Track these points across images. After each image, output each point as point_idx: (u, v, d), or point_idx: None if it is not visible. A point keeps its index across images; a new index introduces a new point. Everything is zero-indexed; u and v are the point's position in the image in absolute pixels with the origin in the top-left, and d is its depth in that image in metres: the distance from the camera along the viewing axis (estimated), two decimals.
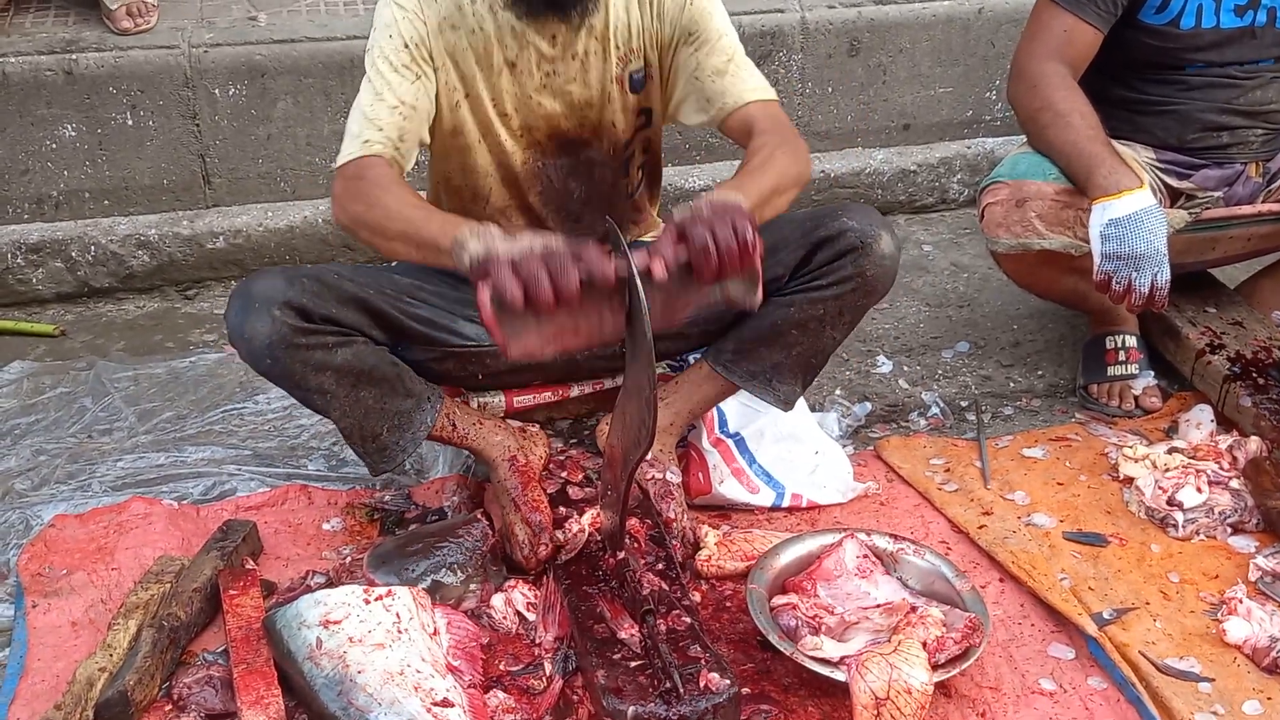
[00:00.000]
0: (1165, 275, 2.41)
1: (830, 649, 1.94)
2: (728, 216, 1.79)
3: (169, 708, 1.92)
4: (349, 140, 2.13)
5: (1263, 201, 2.76)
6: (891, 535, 2.24)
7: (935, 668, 1.90)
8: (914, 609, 2.00)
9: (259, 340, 2.05)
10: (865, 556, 2.16)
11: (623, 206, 2.41)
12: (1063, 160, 2.54)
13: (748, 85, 2.23)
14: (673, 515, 2.29)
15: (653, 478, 2.32)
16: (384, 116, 2.12)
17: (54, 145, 3.26)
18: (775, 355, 2.33)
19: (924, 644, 1.90)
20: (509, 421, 2.46)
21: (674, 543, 2.24)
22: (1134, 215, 2.39)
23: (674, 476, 2.36)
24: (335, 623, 1.90)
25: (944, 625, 1.96)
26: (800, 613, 2.05)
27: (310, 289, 2.09)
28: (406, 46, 2.11)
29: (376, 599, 1.95)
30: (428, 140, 2.23)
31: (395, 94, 2.12)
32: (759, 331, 2.31)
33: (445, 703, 1.81)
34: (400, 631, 1.91)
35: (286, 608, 1.95)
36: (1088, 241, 2.54)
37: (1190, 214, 2.66)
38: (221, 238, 3.36)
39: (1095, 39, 2.60)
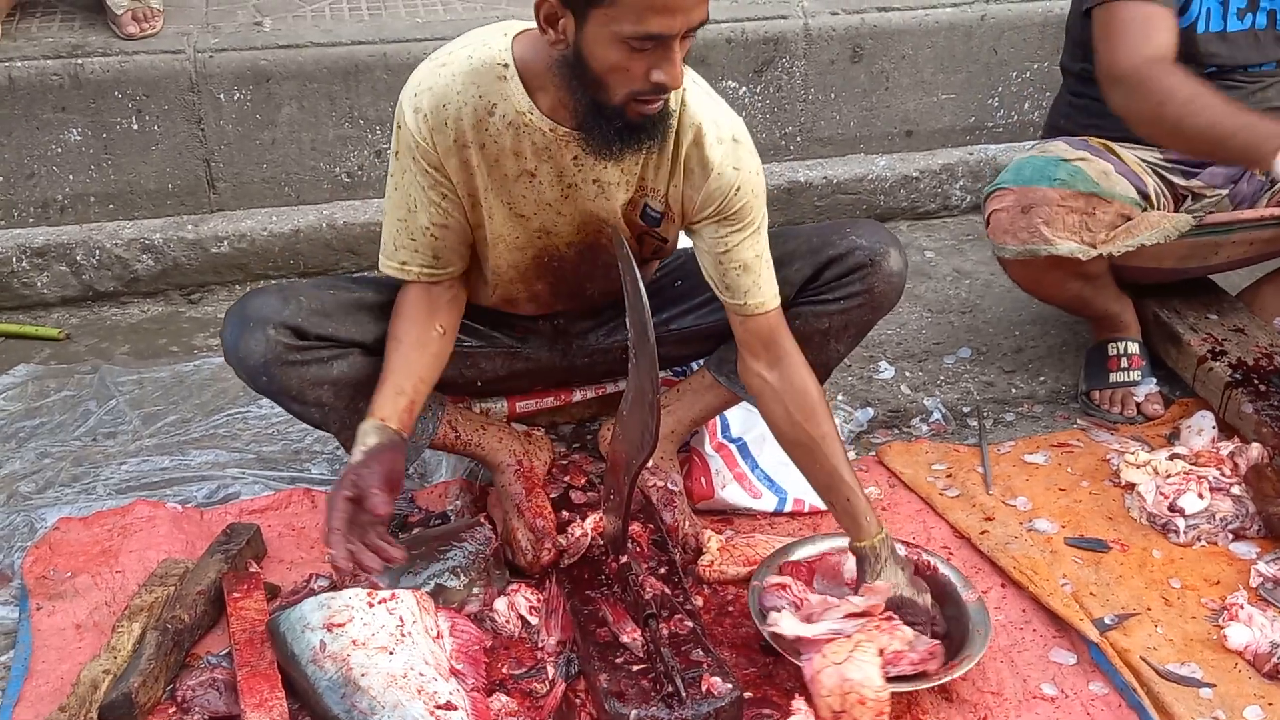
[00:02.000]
0: None
1: (788, 626, 1.95)
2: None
3: (173, 710, 1.93)
4: (385, 246, 2.10)
5: (1266, 203, 2.76)
6: (903, 542, 2.23)
7: (890, 679, 1.89)
8: (890, 618, 1.98)
9: (254, 359, 2.07)
10: None
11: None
12: (1212, 145, 2.42)
13: (770, 290, 2.09)
14: (674, 522, 2.29)
15: (655, 485, 2.33)
16: (418, 237, 2.06)
17: (59, 149, 3.27)
18: None
19: (881, 651, 1.90)
20: (514, 426, 2.47)
21: (676, 549, 2.24)
22: None
23: (675, 484, 2.36)
24: (339, 626, 1.90)
25: (909, 643, 1.94)
26: (790, 593, 2.06)
27: (306, 307, 2.10)
28: (427, 171, 2.00)
29: (380, 602, 1.95)
30: (467, 239, 2.13)
31: (424, 216, 2.03)
32: None
33: (449, 706, 1.82)
34: (404, 635, 1.91)
35: (290, 610, 1.96)
36: (1094, 246, 2.55)
37: (1194, 218, 2.67)
38: (226, 242, 3.37)
39: (1173, 23, 2.50)
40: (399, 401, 2.01)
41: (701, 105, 2.00)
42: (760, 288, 2.07)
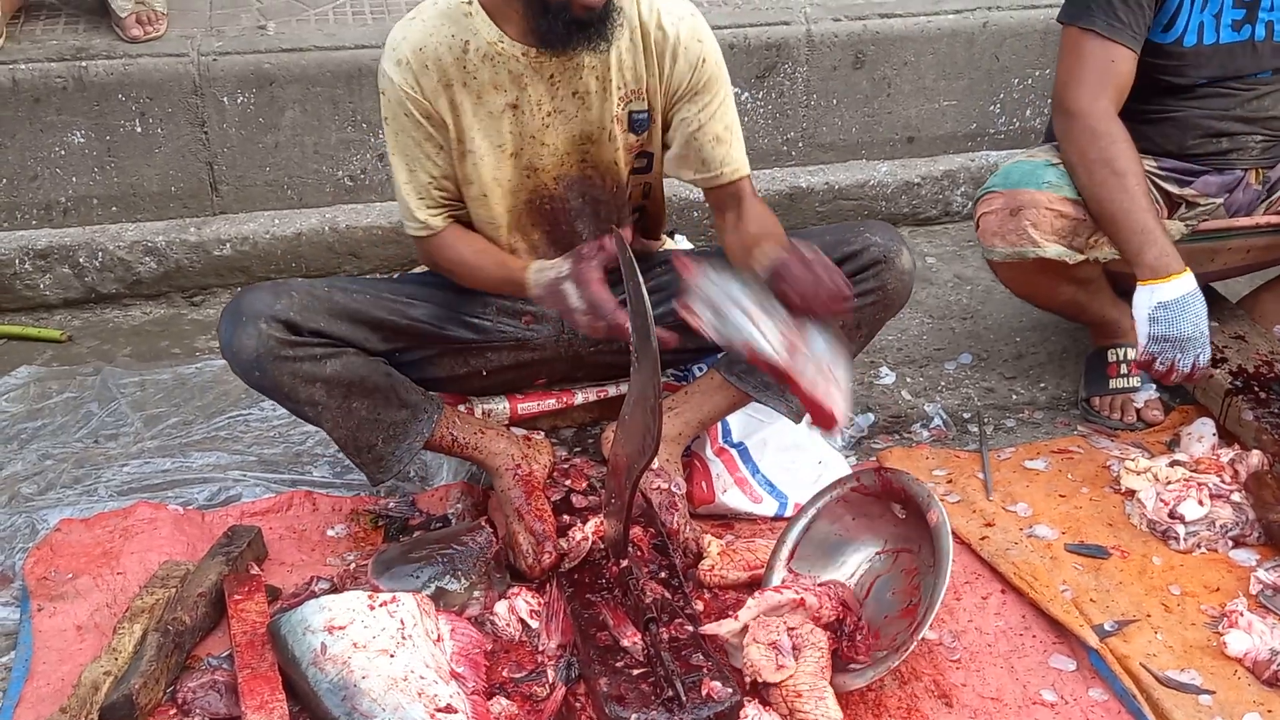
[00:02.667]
0: (1206, 356, 2.47)
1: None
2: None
3: (173, 712, 1.93)
4: (406, 217, 2.26)
5: (1263, 212, 2.77)
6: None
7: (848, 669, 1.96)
8: (801, 602, 2.01)
9: (246, 354, 2.10)
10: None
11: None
12: (1112, 224, 2.51)
13: (743, 158, 2.28)
14: (676, 526, 2.30)
15: (657, 487, 2.33)
16: (427, 193, 2.22)
17: (63, 152, 3.28)
18: None
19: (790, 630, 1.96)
20: (513, 430, 2.48)
21: (676, 553, 2.24)
22: (1181, 299, 2.42)
23: (679, 488, 2.37)
24: (340, 628, 1.90)
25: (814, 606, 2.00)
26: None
27: (299, 302, 2.13)
28: (420, 123, 2.15)
29: (381, 605, 1.95)
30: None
31: (419, 178, 2.20)
32: None
33: (449, 709, 1.82)
34: (404, 638, 1.91)
35: (291, 613, 1.96)
36: (1083, 251, 2.56)
37: (1187, 225, 2.68)
38: (228, 245, 3.37)
39: (1134, 64, 2.57)
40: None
41: None
42: (733, 155, 2.25)
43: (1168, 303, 2.42)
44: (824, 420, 1.93)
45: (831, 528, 2.22)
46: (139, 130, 3.30)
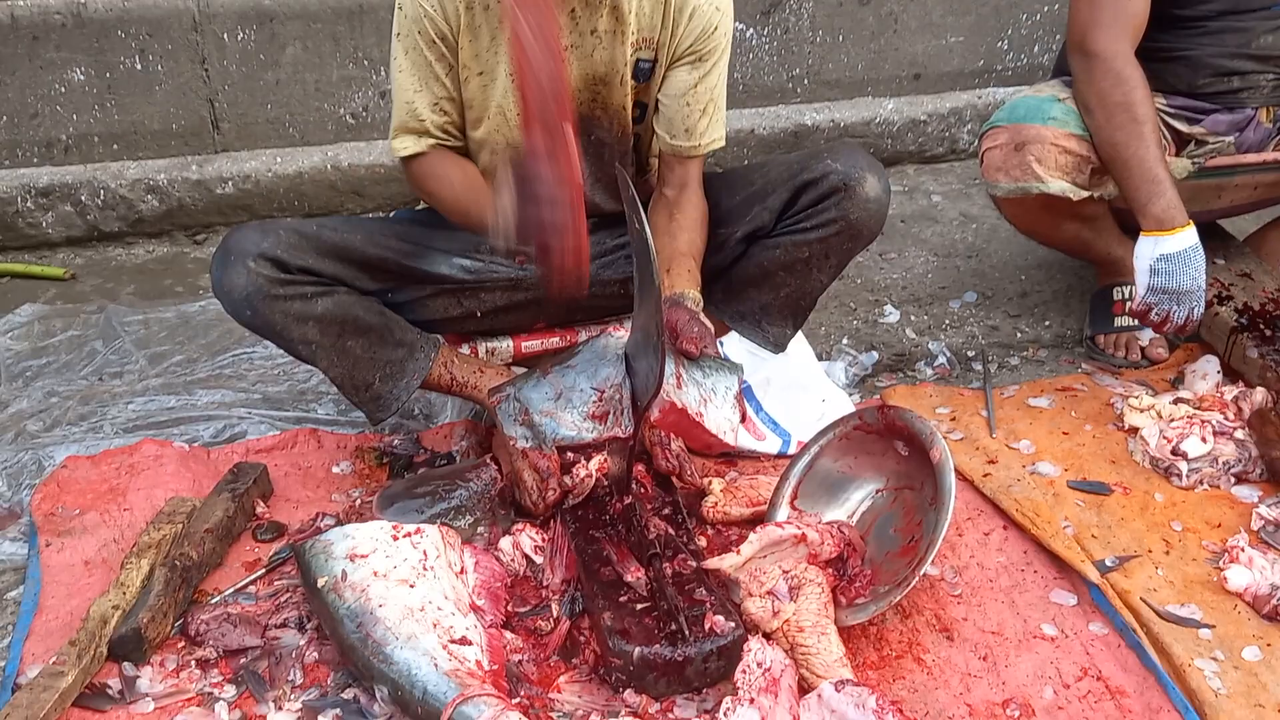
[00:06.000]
0: (1200, 309, 2.50)
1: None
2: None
3: (183, 644, 1.95)
4: (398, 129, 2.23)
5: (1274, 149, 2.75)
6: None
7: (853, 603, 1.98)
8: (802, 537, 2.02)
9: (237, 293, 2.11)
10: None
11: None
12: (1123, 170, 2.50)
13: (720, 130, 2.29)
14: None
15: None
16: (426, 113, 2.20)
17: (63, 89, 3.26)
18: (763, 296, 2.36)
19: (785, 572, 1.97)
20: (513, 369, 2.48)
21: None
22: (1184, 253, 2.44)
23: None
24: (362, 556, 1.92)
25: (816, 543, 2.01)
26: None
27: (286, 240, 2.13)
28: (435, 41, 2.14)
29: (405, 535, 1.97)
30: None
31: (432, 91, 2.18)
32: (747, 273, 2.35)
33: (463, 640, 1.83)
34: (426, 569, 1.93)
35: (316, 540, 1.98)
36: (1086, 188, 2.55)
37: (1194, 163, 2.66)
38: (230, 183, 3.36)
39: (1149, 2, 2.54)
40: None
41: None
42: (713, 127, 2.28)
43: (1170, 255, 2.43)
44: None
45: (834, 465, 2.23)
46: (139, 67, 3.28)
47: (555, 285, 1.98)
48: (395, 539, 1.96)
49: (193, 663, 1.91)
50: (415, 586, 1.89)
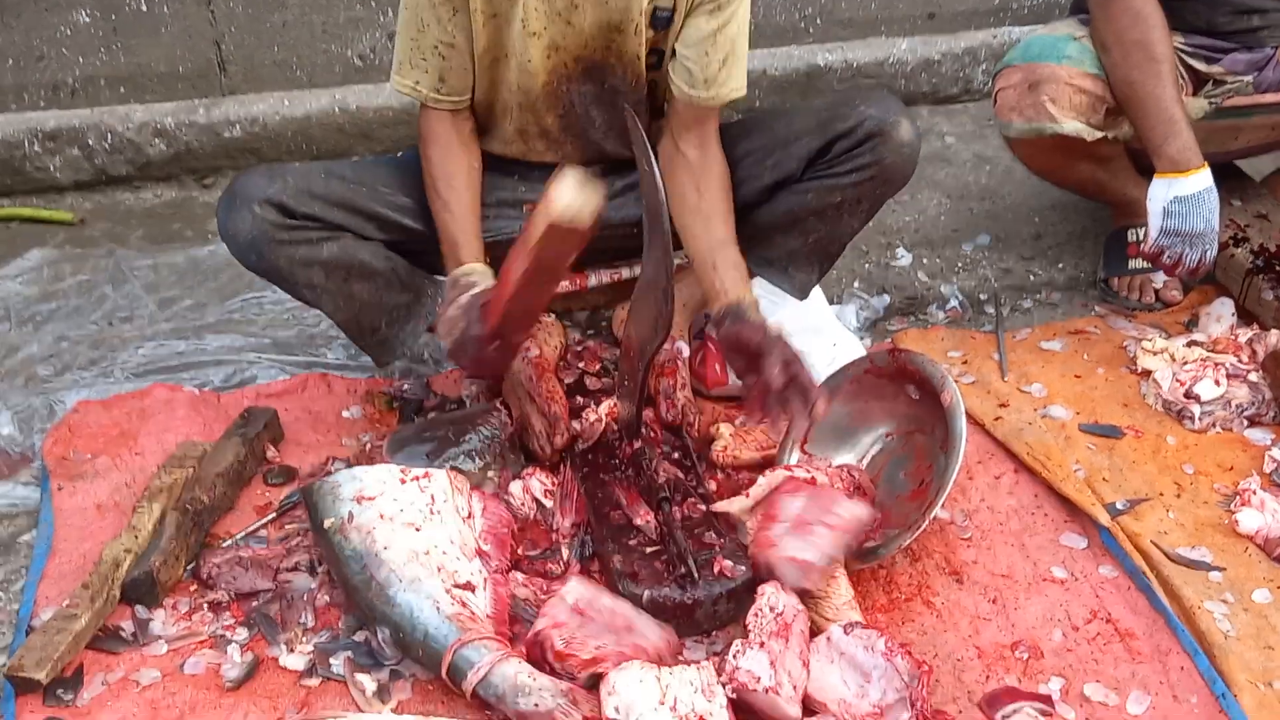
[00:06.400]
0: (1213, 252, 2.47)
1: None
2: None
3: (195, 587, 1.96)
4: (399, 65, 2.18)
5: None
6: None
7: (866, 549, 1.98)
8: (811, 481, 2.01)
9: (242, 237, 2.10)
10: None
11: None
12: (1140, 110, 2.47)
13: (741, 80, 2.19)
14: (661, 388, 2.31)
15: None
16: (427, 57, 2.14)
17: (69, 31, 3.23)
18: (792, 242, 2.33)
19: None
20: None
21: (667, 414, 2.26)
22: (1198, 195, 2.41)
23: (680, 351, 2.40)
24: (369, 499, 1.92)
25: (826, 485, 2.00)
26: None
27: (293, 185, 2.12)
28: None
29: (413, 479, 1.97)
30: (470, 68, 2.19)
31: (433, 34, 2.12)
32: (776, 218, 2.31)
33: (467, 585, 1.84)
34: (433, 513, 1.93)
35: (324, 480, 1.99)
36: (1101, 128, 2.52)
37: (1210, 103, 2.62)
38: (238, 126, 3.34)
39: None
40: (478, 242, 2.17)
41: None
42: (734, 76, 2.17)
43: (1184, 197, 2.41)
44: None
45: (845, 409, 2.22)
46: (144, 9, 3.25)
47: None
48: (403, 482, 1.96)
49: (205, 606, 1.93)
50: (421, 530, 1.90)
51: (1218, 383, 2.36)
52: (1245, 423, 2.36)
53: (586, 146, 2.31)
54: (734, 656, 1.72)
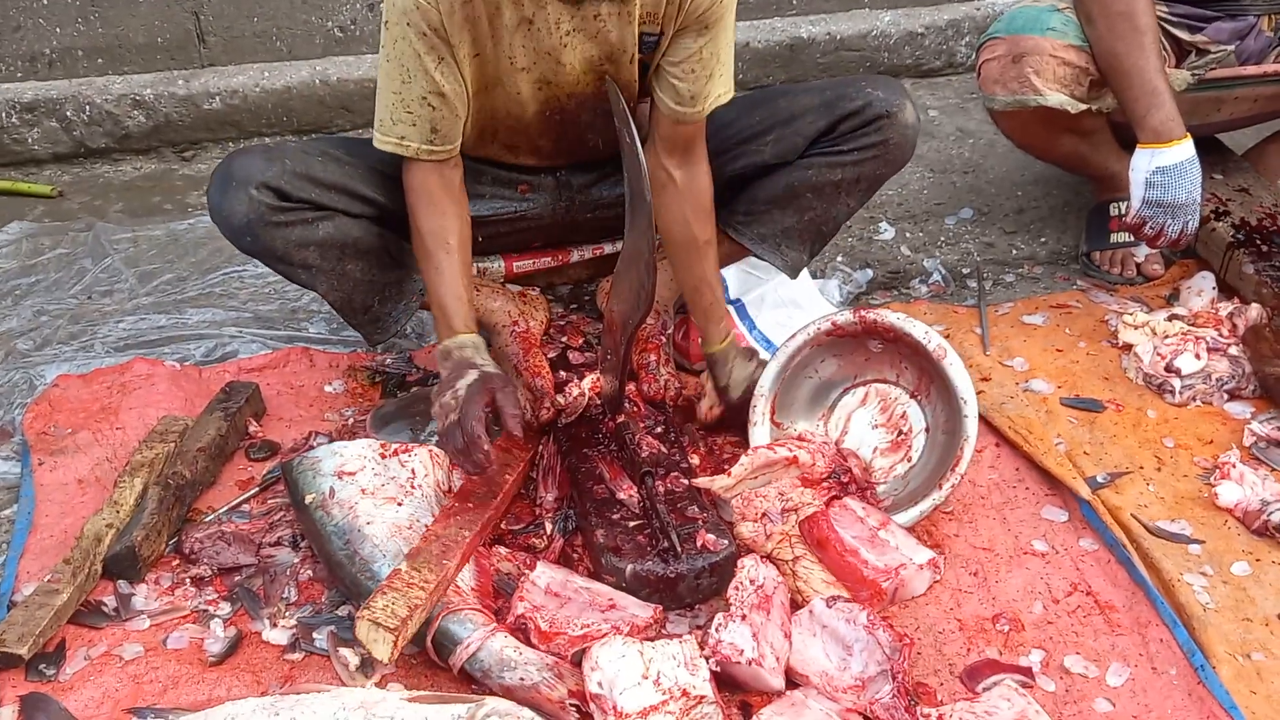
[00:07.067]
0: (1195, 224, 2.47)
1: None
2: None
3: (177, 562, 1.96)
4: (382, 122, 2.04)
5: (1274, 60, 2.71)
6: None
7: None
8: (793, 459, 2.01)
9: (237, 219, 2.08)
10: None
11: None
12: (1123, 81, 2.46)
13: (722, 90, 2.14)
14: (644, 362, 2.31)
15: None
16: (414, 109, 2.01)
17: (45, 1, 3.20)
18: (787, 219, 2.34)
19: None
20: (508, 287, 2.46)
21: (648, 387, 2.27)
22: (1180, 165, 2.41)
23: (664, 328, 2.40)
24: (350, 474, 1.92)
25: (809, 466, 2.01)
26: None
27: (291, 169, 2.09)
28: (425, 34, 1.95)
29: (393, 454, 1.97)
30: (463, 114, 2.09)
31: (420, 86, 1.99)
32: (773, 194, 2.32)
33: None
34: (414, 488, 1.93)
35: (304, 456, 1.99)
36: (1085, 101, 2.52)
37: (1194, 75, 2.63)
38: (218, 98, 3.31)
39: None
40: (469, 310, 2.09)
41: None
42: (719, 84, 2.13)
43: (1166, 168, 2.41)
44: None
45: (813, 376, 2.22)
46: None
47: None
48: (383, 457, 1.97)
49: (187, 580, 1.93)
50: (403, 505, 1.90)
51: (1198, 356, 2.37)
52: (1225, 396, 2.37)
53: (576, 155, 2.31)
54: (716, 629, 1.73)
